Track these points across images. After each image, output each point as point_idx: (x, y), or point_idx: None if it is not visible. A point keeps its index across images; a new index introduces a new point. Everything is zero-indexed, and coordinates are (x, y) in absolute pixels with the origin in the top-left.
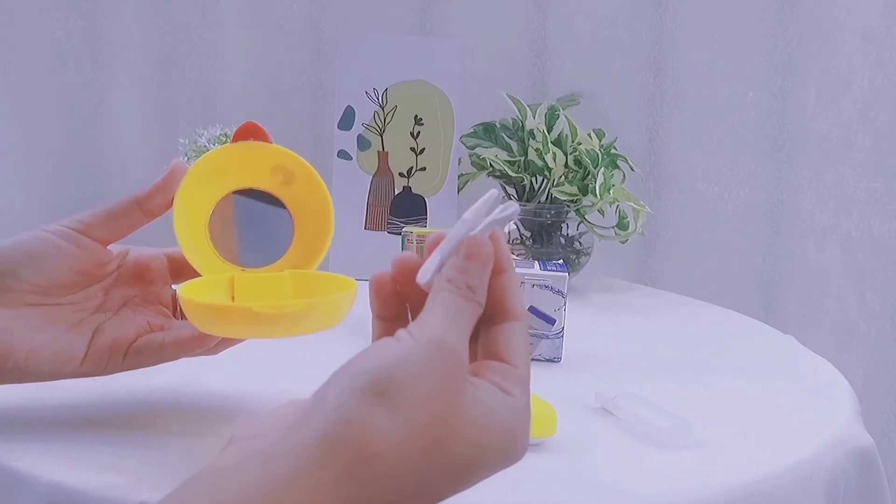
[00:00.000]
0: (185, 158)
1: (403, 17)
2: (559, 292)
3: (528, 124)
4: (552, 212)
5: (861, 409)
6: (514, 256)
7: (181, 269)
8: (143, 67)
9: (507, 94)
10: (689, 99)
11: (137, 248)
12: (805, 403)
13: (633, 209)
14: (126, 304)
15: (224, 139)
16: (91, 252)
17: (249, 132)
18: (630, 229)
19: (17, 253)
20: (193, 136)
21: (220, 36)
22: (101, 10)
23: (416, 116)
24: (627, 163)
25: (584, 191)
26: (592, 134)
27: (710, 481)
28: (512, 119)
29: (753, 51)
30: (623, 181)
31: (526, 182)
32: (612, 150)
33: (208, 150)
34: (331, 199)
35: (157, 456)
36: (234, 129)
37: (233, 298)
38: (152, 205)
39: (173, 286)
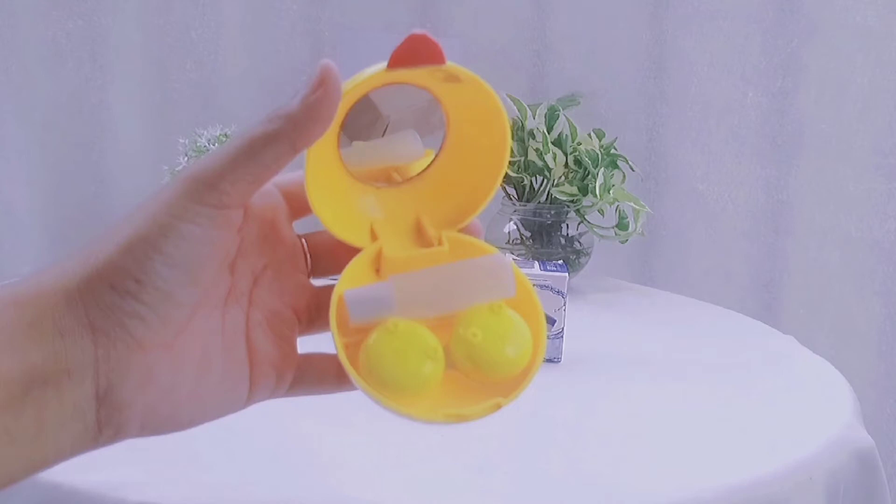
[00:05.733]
0: (185, 158)
1: (403, 17)
2: (559, 292)
3: (528, 124)
4: (552, 212)
5: (861, 409)
6: (514, 257)
7: (299, 205)
8: (143, 67)
9: (508, 94)
10: (689, 99)
11: None
12: (805, 403)
13: (633, 209)
14: (257, 281)
15: (224, 139)
16: (233, 227)
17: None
18: (630, 229)
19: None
20: (193, 136)
21: (220, 36)
22: (101, 10)
23: None
24: (627, 163)
25: (584, 191)
26: (592, 134)
27: (711, 481)
28: (512, 119)
29: (753, 51)
30: (623, 181)
31: (526, 182)
32: (612, 150)
33: (209, 150)
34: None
35: (158, 455)
36: (235, 129)
37: (378, 271)
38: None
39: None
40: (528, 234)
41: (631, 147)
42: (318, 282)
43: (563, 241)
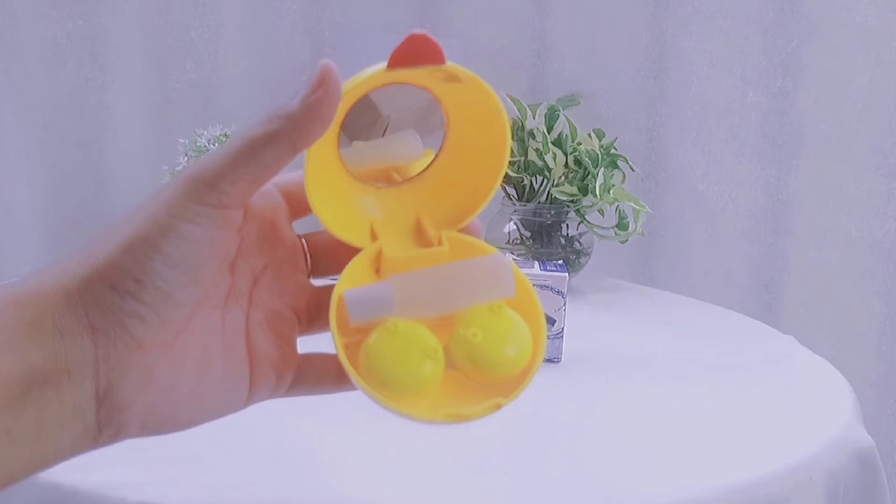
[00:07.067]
0: (185, 158)
1: (403, 17)
2: (559, 292)
3: (528, 124)
4: (552, 212)
5: (861, 409)
6: (514, 257)
7: (299, 205)
8: (143, 67)
9: (508, 94)
10: (689, 99)
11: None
12: (805, 403)
13: (633, 209)
14: (257, 281)
15: (224, 139)
16: (233, 227)
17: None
18: (630, 229)
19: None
20: (193, 136)
21: (220, 36)
22: (101, 10)
23: None
24: (627, 163)
25: (584, 191)
26: (592, 134)
27: (711, 481)
28: (512, 119)
29: (753, 51)
30: (623, 181)
31: (526, 182)
32: (612, 150)
33: (209, 150)
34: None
35: (158, 455)
36: (235, 129)
37: (378, 271)
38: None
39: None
40: (528, 234)
41: (631, 147)
42: (318, 282)
43: (563, 241)
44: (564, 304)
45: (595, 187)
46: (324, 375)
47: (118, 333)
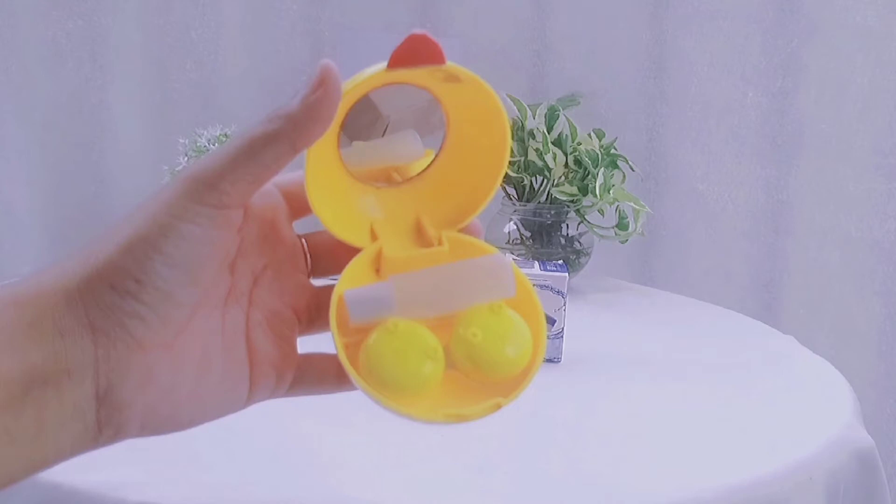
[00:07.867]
0: (185, 158)
1: (403, 17)
2: (559, 292)
3: (528, 124)
4: (552, 212)
5: (861, 409)
6: (514, 257)
7: (299, 205)
8: (143, 67)
9: (508, 94)
10: (689, 99)
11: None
12: (805, 403)
13: (633, 209)
14: (257, 281)
15: (224, 139)
16: (233, 227)
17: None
18: (630, 229)
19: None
20: (193, 136)
21: (220, 36)
22: (101, 10)
23: None
24: (627, 163)
25: (584, 191)
26: (592, 134)
27: (711, 481)
28: (512, 119)
29: (753, 51)
30: (623, 181)
31: (526, 182)
32: (612, 150)
33: (209, 150)
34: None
35: (158, 455)
36: (235, 129)
37: (378, 271)
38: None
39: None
40: (528, 234)
41: (631, 147)
42: (318, 282)
43: (563, 241)
44: (564, 304)
45: (595, 187)
46: (324, 375)
47: (118, 333)
